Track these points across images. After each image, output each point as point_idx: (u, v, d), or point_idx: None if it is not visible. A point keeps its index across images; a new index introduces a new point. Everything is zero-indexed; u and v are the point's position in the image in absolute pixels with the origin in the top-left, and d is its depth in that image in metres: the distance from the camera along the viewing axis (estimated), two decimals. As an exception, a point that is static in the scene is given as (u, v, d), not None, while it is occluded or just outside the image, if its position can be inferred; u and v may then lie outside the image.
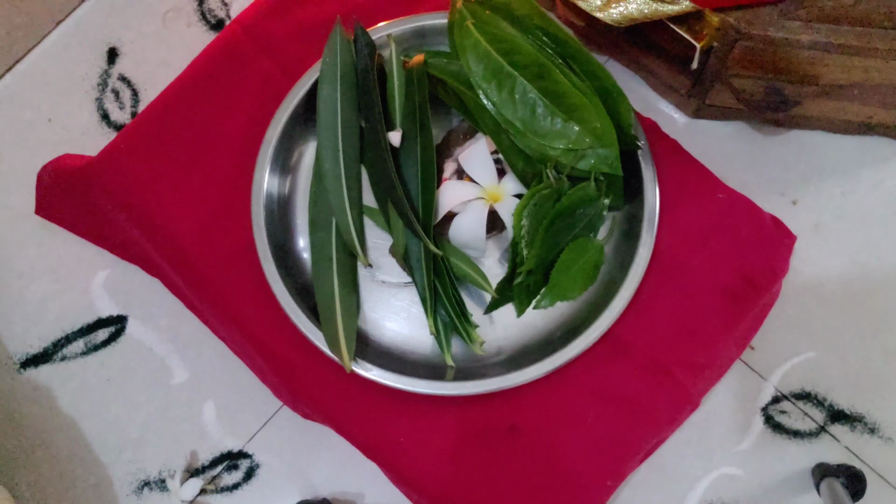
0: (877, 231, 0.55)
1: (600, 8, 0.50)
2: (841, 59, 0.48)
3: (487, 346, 0.49)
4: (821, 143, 0.57)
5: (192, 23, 0.63)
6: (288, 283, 0.49)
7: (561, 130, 0.48)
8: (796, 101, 0.52)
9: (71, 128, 0.61)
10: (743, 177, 0.54)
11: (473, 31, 0.49)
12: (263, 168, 0.51)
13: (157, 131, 0.54)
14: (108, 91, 0.62)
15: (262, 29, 0.55)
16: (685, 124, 0.58)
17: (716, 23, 0.48)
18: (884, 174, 0.56)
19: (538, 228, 0.47)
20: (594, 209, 0.48)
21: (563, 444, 0.48)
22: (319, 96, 0.51)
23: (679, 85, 0.55)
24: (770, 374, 0.53)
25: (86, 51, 0.63)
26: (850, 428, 0.52)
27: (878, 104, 0.53)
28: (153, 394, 0.55)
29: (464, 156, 0.51)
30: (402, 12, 0.54)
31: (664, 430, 0.49)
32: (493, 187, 0.51)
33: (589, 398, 0.48)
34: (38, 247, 0.59)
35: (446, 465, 0.48)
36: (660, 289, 0.50)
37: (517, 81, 0.48)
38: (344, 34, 0.51)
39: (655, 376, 0.48)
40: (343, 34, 0.51)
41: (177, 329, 0.56)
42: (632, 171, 0.50)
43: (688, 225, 0.51)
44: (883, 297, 0.54)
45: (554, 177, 0.48)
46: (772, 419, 0.53)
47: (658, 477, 0.52)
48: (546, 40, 0.49)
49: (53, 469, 0.55)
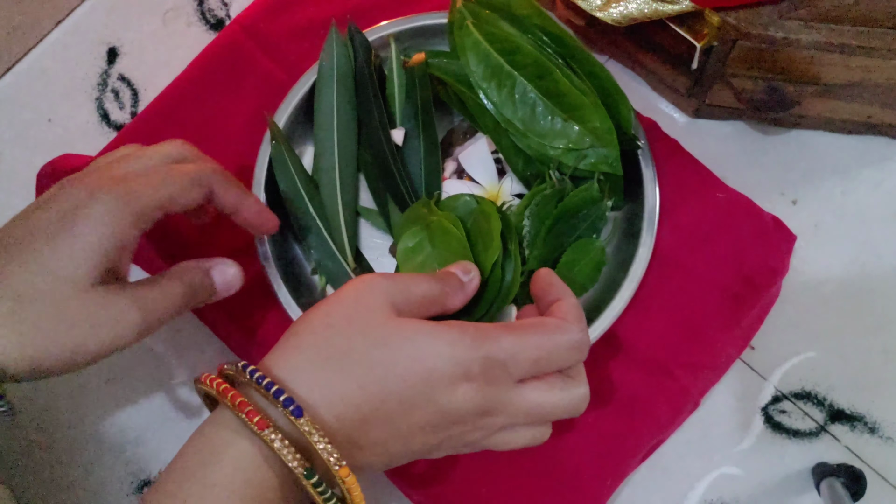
0: (877, 231, 0.55)
1: (600, 8, 0.50)
2: (841, 59, 0.48)
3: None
4: (821, 142, 0.57)
5: (192, 23, 0.63)
6: (288, 283, 0.49)
7: (561, 130, 0.48)
8: (796, 100, 0.52)
9: (71, 128, 0.61)
10: (743, 177, 0.54)
11: (473, 31, 0.49)
12: (263, 168, 0.51)
13: (157, 131, 0.54)
14: (108, 91, 0.62)
15: (262, 29, 0.55)
16: (685, 124, 0.58)
17: (716, 23, 0.48)
18: (884, 174, 0.56)
19: (540, 229, 0.47)
20: (597, 211, 0.48)
21: (563, 443, 0.48)
22: (317, 100, 0.51)
23: (679, 85, 0.55)
24: (770, 373, 0.53)
25: (86, 51, 0.63)
26: (850, 428, 0.52)
27: (878, 104, 0.53)
28: (153, 394, 0.55)
29: (464, 155, 0.51)
30: (402, 12, 0.54)
31: (664, 430, 0.49)
32: (493, 187, 0.51)
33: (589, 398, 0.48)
34: (38, 247, 0.59)
35: (446, 465, 0.48)
36: (660, 289, 0.50)
37: (517, 81, 0.48)
38: (340, 37, 0.51)
39: (655, 376, 0.48)
40: (339, 37, 0.51)
41: (176, 329, 0.56)
42: (632, 171, 0.50)
43: (688, 225, 0.51)
44: (883, 297, 0.54)
45: (557, 178, 0.48)
46: (772, 419, 0.53)
47: (658, 477, 0.52)
48: (546, 40, 0.49)
49: (53, 469, 0.55)
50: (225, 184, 0.41)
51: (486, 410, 0.35)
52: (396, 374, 0.34)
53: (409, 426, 0.35)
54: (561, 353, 0.36)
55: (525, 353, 0.35)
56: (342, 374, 0.34)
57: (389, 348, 0.34)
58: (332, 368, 0.34)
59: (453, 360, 0.34)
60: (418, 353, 0.34)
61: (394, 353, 0.34)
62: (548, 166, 0.48)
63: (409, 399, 0.34)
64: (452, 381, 0.34)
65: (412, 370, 0.34)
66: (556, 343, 0.36)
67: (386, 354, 0.34)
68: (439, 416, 0.35)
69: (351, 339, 0.35)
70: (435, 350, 0.34)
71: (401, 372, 0.34)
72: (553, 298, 0.39)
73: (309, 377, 0.34)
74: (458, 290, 0.40)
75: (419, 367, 0.34)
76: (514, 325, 0.36)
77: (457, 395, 0.34)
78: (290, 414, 0.32)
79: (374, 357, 0.34)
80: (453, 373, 0.34)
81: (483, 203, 0.47)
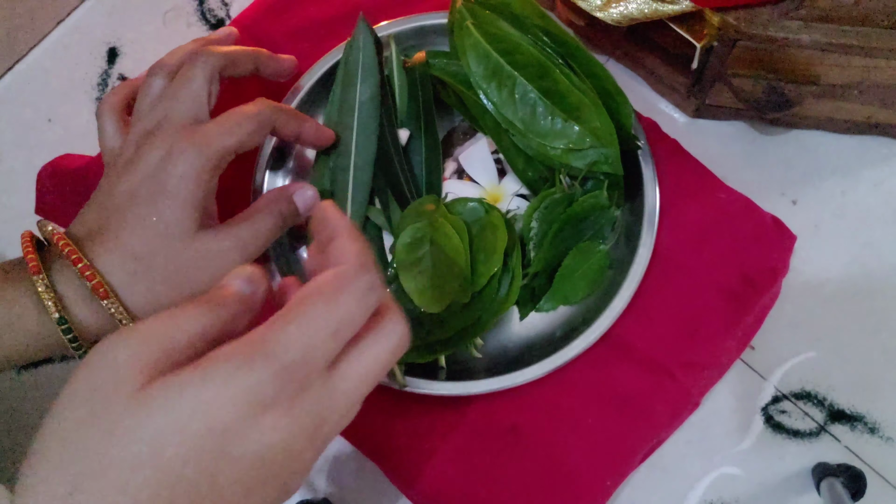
0: (877, 231, 0.55)
1: (600, 8, 0.50)
2: (841, 59, 0.48)
3: (488, 347, 0.49)
4: (821, 142, 0.57)
5: (192, 23, 0.63)
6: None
7: (561, 130, 0.48)
8: (796, 100, 0.52)
9: (71, 128, 0.61)
10: (743, 177, 0.54)
11: (473, 31, 0.49)
12: (263, 168, 0.51)
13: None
14: (107, 91, 0.62)
15: (262, 29, 0.55)
16: (685, 124, 0.58)
17: (716, 22, 0.48)
18: (884, 174, 0.56)
19: (547, 232, 0.47)
20: (605, 218, 0.48)
21: (563, 444, 0.48)
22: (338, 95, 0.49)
23: (679, 85, 0.55)
24: (770, 373, 0.53)
25: (86, 51, 0.63)
26: (850, 428, 0.52)
27: (878, 104, 0.53)
28: (153, 394, 0.55)
29: (464, 156, 0.51)
30: (402, 12, 0.54)
31: (664, 430, 0.49)
32: (494, 187, 0.51)
33: (589, 398, 0.48)
34: (38, 247, 0.59)
35: (446, 465, 0.48)
36: (660, 289, 0.50)
37: (517, 81, 0.48)
38: (370, 28, 0.49)
39: (655, 376, 0.48)
40: (369, 28, 0.49)
41: (177, 329, 0.56)
42: (632, 171, 0.50)
43: (688, 225, 0.51)
44: (883, 297, 0.54)
45: (567, 183, 0.48)
46: (772, 419, 0.53)
47: (658, 477, 0.52)
48: (546, 40, 0.49)
49: (53, 469, 0.55)
50: (285, 118, 0.44)
51: (318, 424, 0.28)
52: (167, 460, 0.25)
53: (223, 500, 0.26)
54: (356, 310, 0.29)
55: (320, 337, 0.28)
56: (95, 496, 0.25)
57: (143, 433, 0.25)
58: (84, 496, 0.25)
59: (234, 400, 0.26)
60: (185, 418, 0.25)
61: (153, 439, 0.25)
62: (558, 171, 0.48)
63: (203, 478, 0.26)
64: (248, 423, 0.26)
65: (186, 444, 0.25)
66: (346, 302, 0.28)
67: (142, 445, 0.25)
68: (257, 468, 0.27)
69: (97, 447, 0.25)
70: (204, 403, 0.26)
71: (173, 453, 0.25)
72: (327, 236, 0.31)
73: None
74: (242, 311, 0.30)
75: (192, 434, 0.25)
76: (287, 311, 0.28)
77: (265, 434, 0.26)
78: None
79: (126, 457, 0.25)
80: (245, 414, 0.26)
81: (492, 214, 0.47)
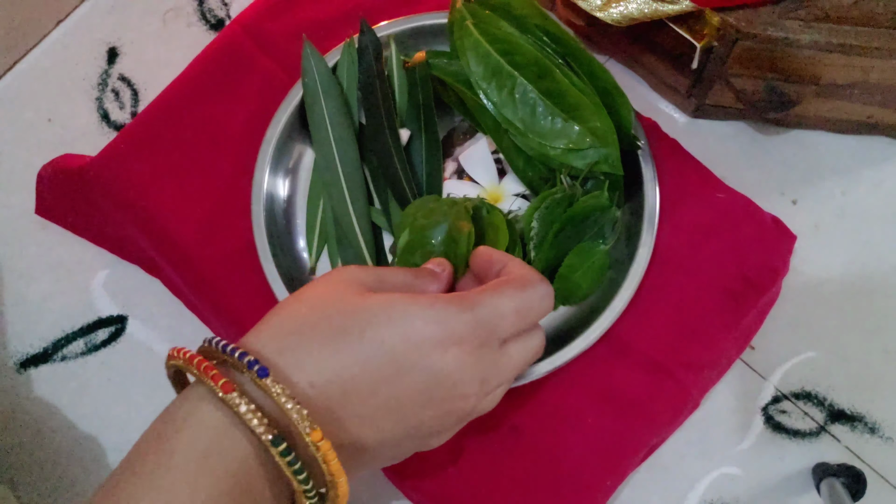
0: (877, 231, 0.55)
1: (600, 8, 0.50)
2: (841, 59, 0.48)
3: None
4: (821, 142, 0.57)
5: (192, 23, 0.63)
6: (288, 283, 0.49)
7: (561, 130, 0.48)
8: (796, 100, 0.52)
9: (71, 128, 0.61)
10: (743, 177, 0.54)
11: (473, 31, 0.49)
12: (263, 168, 0.51)
13: (157, 131, 0.54)
14: (108, 91, 0.62)
15: (262, 28, 0.55)
16: (685, 124, 0.58)
17: (716, 23, 0.48)
18: (884, 174, 0.56)
19: (548, 232, 0.47)
20: (605, 218, 0.48)
21: (563, 444, 0.48)
22: (309, 118, 0.51)
23: (679, 85, 0.55)
24: (770, 373, 0.53)
25: (86, 51, 0.63)
26: (851, 428, 0.52)
27: (878, 104, 0.53)
28: (153, 394, 0.55)
29: (464, 156, 0.51)
30: (402, 12, 0.54)
31: (664, 430, 0.49)
32: (494, 187, 0.51)
33: (589, 398, 0.48)
34: (38, 247, 0.59)
35: (446, 465, 0.48)
36: (660, 289, 0.50)
37: (517, 81, 0.48)
38: (315, 50, 0.50)
39: (655, 376, 0.48)
40: (314, 51, 0.50)
41: (177, 329, 0.56)
42: (632, 171, 0.50)
43: (688, 225, 0.51)
44: (883, 297, 0.54)
45: (568, 183, 0.48)
46: (772, 419, 0.53)
47: (658, 477, 0.52)
48: (546, 40, 0.49)
49: (53, 469, 0.55)
50: None
51: (484, 378, 0.34)
52: (376, 339, 0.32)
53: (399, 397, 0.32)
54: (536, 305, 0.36)
55: (509, 310, 0.35)
56: (314, 341, 0.32)
57: (366, 316, 0.33)
58: (303, 336, 0.32)
59: (441, 323, 0.33)
60: (399, 317, 0.33)
61: (371, 319, 0.33)
62: (559, 171, 0.48)
63: (393, 365, 0.32)
64: (442, 344, 0.33)
65: (394, 335, 0.32)
66: (530, 296, 0.36)
67: (363, 321, 0.33)
68: (432, 383, 0.33)
69: (324, 310, 0.33)
70: (418, 314, 0.33)
71: (381, 337, 0.32)
72: (498, 268, 0.39)
73: (278, 344, 0.32)
74: (431, 280, 0.40)
75: (401, 331, 0.32)
76: (488, 286, 0.36)
77: (447, 358, 0.33)
78: (255, 375, 0.30)
79: (349, 324, 0.32)
80: (442, 336, 0.33)
81: (493, 214, 0.47)
